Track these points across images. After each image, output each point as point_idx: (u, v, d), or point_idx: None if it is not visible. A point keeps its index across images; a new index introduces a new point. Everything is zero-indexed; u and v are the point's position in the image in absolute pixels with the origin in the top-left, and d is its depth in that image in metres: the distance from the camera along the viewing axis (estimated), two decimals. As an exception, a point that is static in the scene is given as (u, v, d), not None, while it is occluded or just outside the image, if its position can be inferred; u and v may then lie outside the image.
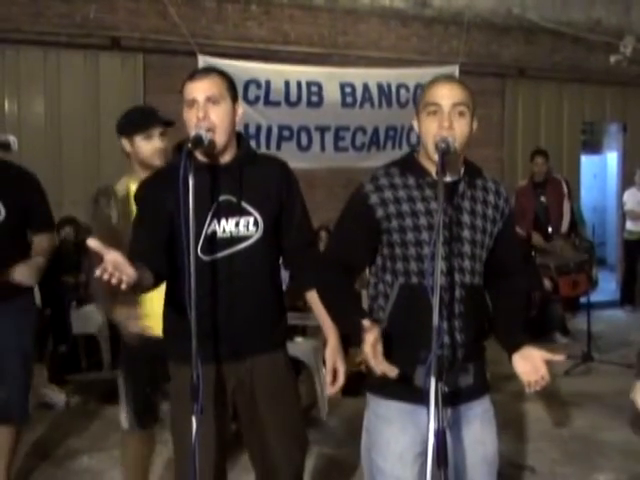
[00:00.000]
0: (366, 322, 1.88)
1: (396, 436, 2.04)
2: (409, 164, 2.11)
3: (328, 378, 2.37)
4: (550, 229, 6.73)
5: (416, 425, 1.93)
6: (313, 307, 2.47)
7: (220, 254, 2.24)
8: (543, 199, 6.86)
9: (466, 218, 2.07)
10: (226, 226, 2.24)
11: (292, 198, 2.38)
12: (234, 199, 2.25)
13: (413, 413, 1.96)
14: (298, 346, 4.95)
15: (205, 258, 2.21)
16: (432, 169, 2.04)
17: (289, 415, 2.38)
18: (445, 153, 1.91)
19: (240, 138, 2.36)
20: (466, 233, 2.07)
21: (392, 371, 1.87)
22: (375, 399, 2.12)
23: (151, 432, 3.01)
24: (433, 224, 1.94)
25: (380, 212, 2.03)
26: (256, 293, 2.29)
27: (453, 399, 2.05)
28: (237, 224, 2.25)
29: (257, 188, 2.29)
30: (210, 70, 2.33)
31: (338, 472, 3.95)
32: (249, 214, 2.27)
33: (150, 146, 2.90)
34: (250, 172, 2.29)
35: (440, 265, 1.87)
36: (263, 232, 2.28)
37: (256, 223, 2.27)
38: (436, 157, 1.93)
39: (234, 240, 2.25)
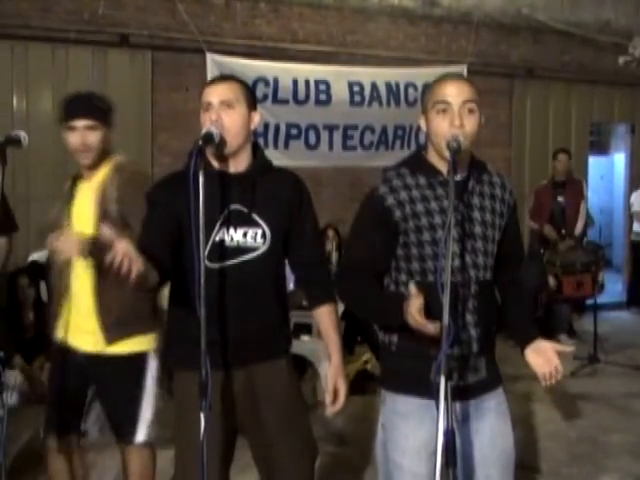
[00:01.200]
0: (413, 287, 1.87)
1: (414, 431, 2.06)
2: (419, 164, 2.12)
3: (328, 399, 2.38)
4: (564, 230, 6.70)
5: (433, 420, 1.94)
6: (319, 323, 2.48)
7: (226, 263, 2.23)
8: (561, 199, 6.83)
9: (477, 214, 2.09)
10: (234, 235, 2.24)
11: (304, 215, 2.38)
12: (245, 209, 2.25)
13: (430, 408, 1.95)
14: (304, 344, 4.96)
15: (212, 265, 2.21)
16: (442, 167, 2.07)
17: (296, 423, 2.37)
18: (456, 152, 1.92)
19: (256, 148, 2.36)
20: (478, 229, 2.09)
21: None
22: (392, 395, 2.13)
23: (69, 450, 2.87)
24: (450, 222, 1.94)
25: (397, 213, 2.04)
26: (261, 303, 2.29)
27: (467, 393, 2.07)
28: (245, 234, 2.25)
29: (269, 200, 2.28)
30: (228, 76, 2.39)
31: (343, 470, 3.96)
32: (258, 225, 2.26)
33: (73, 139, 2.70)
34: (263, 184, 2.29)
35: (456, 262, 1.93)
36: (270, 245, 2.27)
37: (264, 235, 2.27)
38: (448, 155, 1.94)
39: (241, 250, 2.24)
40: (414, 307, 1.82)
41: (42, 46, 6.23)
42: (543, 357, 2.11)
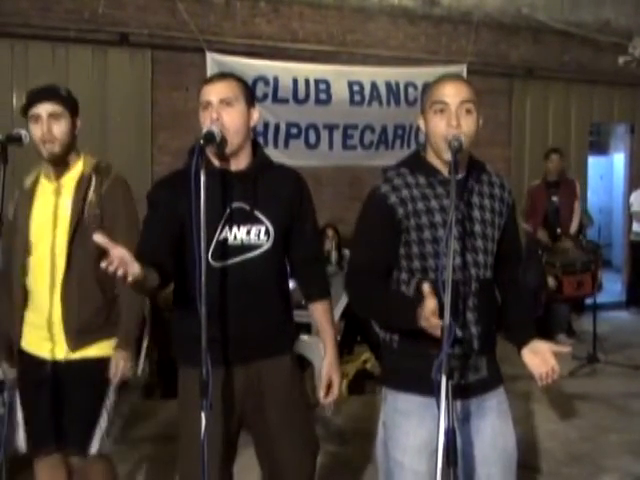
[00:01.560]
0: (426, 286, 1.87)
1: (414, 429, 2.07)
2: (418, 163, 2.14)
3: (322, 392, 2.41)
4: (559, 230, 6.72)
5: (434, 418, 1.95)
6: (315, 317, 2.51)
7: (230, 261, 2.24)
8: (555, 199, 6.86)
9: (476, 213, 2.12)
10: (237, 233, 2.24)
11: (305, 212, 2.40)
12: (247, 207, 2.26)
13: (431, 406, 1.95)
14: (303, 344, 4.95)
15: (215, 264, 2.21)
16: (441, 167, 2.09)
17: (299, 419, 2.38)
18: (457, 151, 1.94)
19: (256, 146, 2.37)
20: (478, 228, 2.11)
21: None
22: (393, 393, 2.14)
23: (56, 459, 2.72)
24: (447, 220, 1.95)
25: (400, 211, 2.06)
26: (265, 300, 2.29)
27: (468, 392, 2.09)
28: (248, 232, 2.26)
29: (270, 197, 2.29)
30: (226, 74, 2.39)
31: (343, 469, 3.96)
32: (261, 223, 2.27)
33: (36, 130, 2.55)
34: (264, 181, 2.30)
35: (456, 260, 1.97)
36: (273, 241, 2.28)
37: (267, 232, 2.28)
38: (447, 155, 1.97)
39: (245, 248, 2.25)
40: (429, 309, 1.82)
41: (42, 45, 6.22)
42: (540, 357, 2.13)
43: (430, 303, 1.82)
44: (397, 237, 2.08)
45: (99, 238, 1.77)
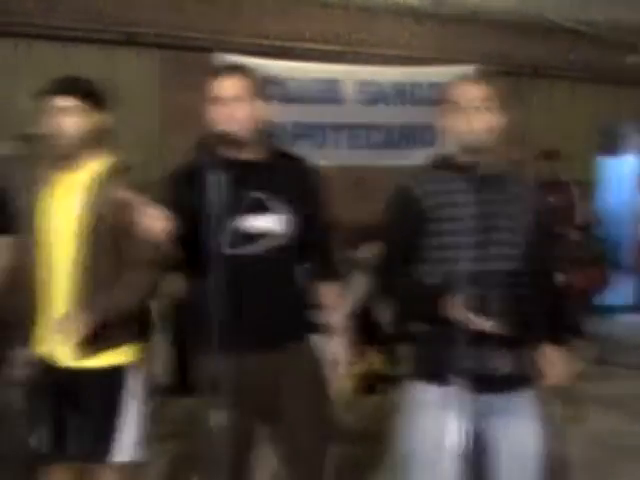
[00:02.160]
0: (457, 300, 1.96)
1: (434, 420, 2.09)
2: (442, 161, 2.23)
3: (329, 370, 2.46)
4: (559, 228, 6.73)
5: (454, 410, 1.99)
6: (323, 299, 2.53)
7: (246, 250, 2.26)
8: (551, 199, 6.88)
9: (501, 208, 2.16)
10: (254, 222, 2.27)
11: (317, 198, 2.46)
12: (264, 196, 2.29)
13: (451, 397, 1.99)
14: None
15: (233, 253, 2.24)
16: (464, 164, 2.16)
17: (316, 407, 2.40)
18: (476, 151, 2.04)
19: (266, 136, 2.41)
20: (503, 222, 2.15)
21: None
22: (414, 384, 2.18)
23: (63, 466, 2.59)
24: (470, 214, 2.08)
25: (425, 203, 2.14)
26: (281, 288, 2.33)
27: (492, 387, 2.10)
28: (266, 221, 2.29)
29: (285, 186, 2.33)
30: (235, 68, 2.42)
31: (354, 469, 3.93)
32: (276, 211, 2.30)
33: (47, 123, 2.44)
34: (279, 170, 2.34)
35: (480, 252, 2.06)
36: (289, 230, 2.32)
37: (284, 221, 2.31)
38: (468, 154, 2.08)
39: (262, 237, 2.28)
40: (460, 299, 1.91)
41: (47, 45, 6.21)
42: (549, 361, 2.19)
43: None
44: (421, 228, 2.14)
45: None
